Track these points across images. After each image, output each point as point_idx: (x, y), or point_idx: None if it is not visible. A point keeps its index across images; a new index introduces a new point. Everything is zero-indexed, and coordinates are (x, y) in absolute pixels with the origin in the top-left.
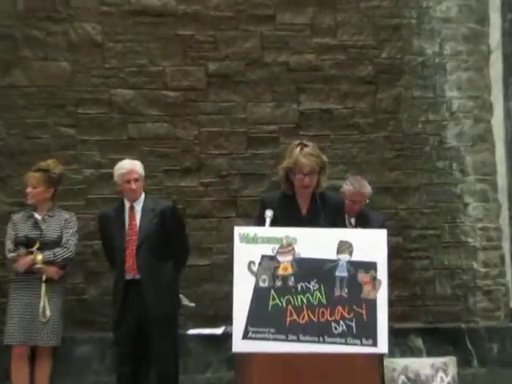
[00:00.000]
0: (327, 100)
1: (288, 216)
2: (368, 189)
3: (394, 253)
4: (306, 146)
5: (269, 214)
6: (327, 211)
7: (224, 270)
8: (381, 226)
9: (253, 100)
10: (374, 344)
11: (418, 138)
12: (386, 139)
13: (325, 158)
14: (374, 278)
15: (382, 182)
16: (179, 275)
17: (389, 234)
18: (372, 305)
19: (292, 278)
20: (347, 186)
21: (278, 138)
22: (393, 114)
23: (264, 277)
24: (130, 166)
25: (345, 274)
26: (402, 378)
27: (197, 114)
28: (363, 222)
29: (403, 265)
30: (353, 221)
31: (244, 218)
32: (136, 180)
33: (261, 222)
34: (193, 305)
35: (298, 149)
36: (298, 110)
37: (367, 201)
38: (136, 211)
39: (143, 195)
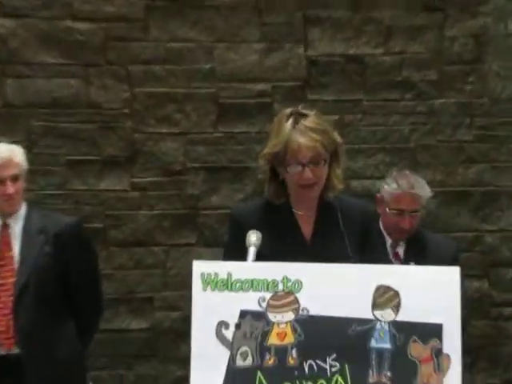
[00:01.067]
0: (356, 39)
1: (281, 242)
2: (426, 191)
3: (473, 308)
4: (302, 115)
5: (253, 238)
6: (351, 232)
7: (175, 339)
8: (451, 262)
9: (226, 38)
10: None
11: None
12: (460, 109)
13: (337, 135)
14: (439, 353)
15: (454, 185)
16: (87, 346)
17: (464, 275)
18: None
19: (294, 352)
20: (388, 187)
21: (270, 107)
22: (474, 63)
23: (245, 349)
24: (4, 155)
25: (387, 346)
26: None
27: (128, 61)
28: (418, 252)
29: (491, 330)
30: (400, 251)
31: (209, 247)
32: (14, 178)
33: (233, 253)
34: None
35: (291, 121)
36: (306, 55)
37: (423, 212)
38: (13, 234)
39: (25, 207)
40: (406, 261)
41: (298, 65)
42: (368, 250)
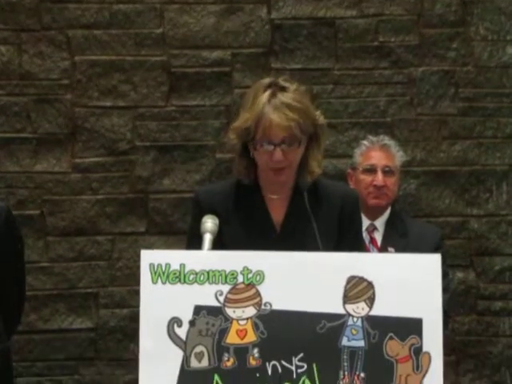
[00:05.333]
0: (326, 0)
1: (247, 229)
2: (399, 152)
3: (457, 302)
4: (281, 88)
5: (209, 225)
6: (325, 219)
7: (122, 339)
8: (433, 251)
9: None
10: None
11: (508, 73)
12: (442, 78)
13: (319, 114)
14: (418, 351)
15: (436, 164)
16: (9, 337)
17: (447, 265)
18: None
19: (256, 352)
20: (358, 149)
21: (229, 77)
22: (458, 26)
23: (200, 349)
24: None
25: (360, 344)
26: None
27: (66, 26)
28: (397, 238)
29: (478, 326)
30: (377, 236)
31: (162, 236)
32: None
33: (195, 240)
34: None
35: (267, 94)
36: (269, 19)
37: (399, 186)
38: None
39: None
40: (383, 248)
41: (260, 29)
42: (348, 236)
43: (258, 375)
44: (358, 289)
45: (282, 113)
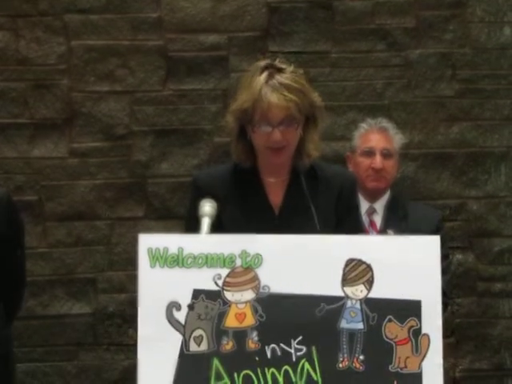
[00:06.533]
0: None
1: (246, 212)
2: (398, 134)
3: (456, 284)
4: (279, 70)
5: (207, 208)
6: (323, 201)
7: (122, 324)
8: (433, 231)
9: None
10: None
11: (505, 54)
12: (440, 60)
13: (316, 96)
14: (417, 333)
15: (434, 146)
16: (10, 324)
17: (446, 247)
18: None
19: (254, 335)
20: (357, 132)
21: (226, 61)
22: (455, 8)
23: (199, 333)
24: None
25: (359, 326)
26: None
27: (63, 11)
28: (397, 221)
29: (477, 308)
30: (377, 219)
31: (161, 220)
32: None
33: (193, 224)
34: None
35: (264, 75)
36: (266, 2)
37: (398, 169)
38: None
39: None
40: (383, 231)
41: (256, 12)
42: (347, 219)
43: (257, 359)
44: (357, 271)
45: (280, 93)
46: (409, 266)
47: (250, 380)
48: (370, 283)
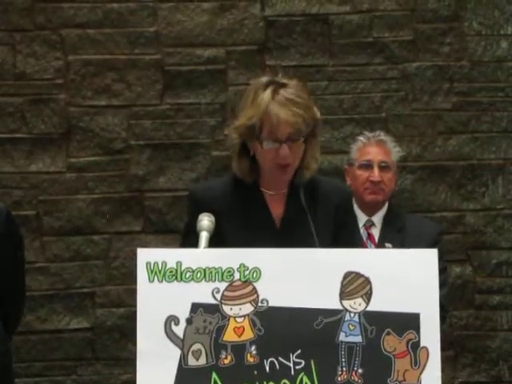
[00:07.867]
0: None
1: (248, 224)
2: (396, 147)
3: (454, 297)
4: (282, 85)
5: (205, 222)
6: (320, 215)
7: (120, 339)
8: (431, 244)
9: None
10: None
11: (502, 67)
12: (437, 73)
13: (316, 110)
14: (416, 346)
15: (431, 159)
16: (9, 338)
17: (444, 260)
18: None
19: (253, 349)
20: (355, 145)
21: (223, 74)
22: (452, 21)
23: (197, 347)
24: None
25: (357, 340)
26: None
27: (60, 25)
28: (395, 234)
29: (476, 321)
30: (375, 232)
31: (159, 235)
32: None
33: (191, 238)
34: None
35: (269, 91)
36: (263, 15)
37: (396, 181)
38: None
39: None
40: (381, 244)
41: (254, 26)
42: (344, 232)
43: (255, 372)
44: (355, 284)
45: (288, 109)
46: (407, 279)
47: None
48: (368, 296)
